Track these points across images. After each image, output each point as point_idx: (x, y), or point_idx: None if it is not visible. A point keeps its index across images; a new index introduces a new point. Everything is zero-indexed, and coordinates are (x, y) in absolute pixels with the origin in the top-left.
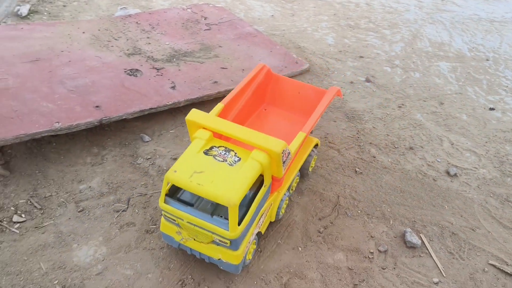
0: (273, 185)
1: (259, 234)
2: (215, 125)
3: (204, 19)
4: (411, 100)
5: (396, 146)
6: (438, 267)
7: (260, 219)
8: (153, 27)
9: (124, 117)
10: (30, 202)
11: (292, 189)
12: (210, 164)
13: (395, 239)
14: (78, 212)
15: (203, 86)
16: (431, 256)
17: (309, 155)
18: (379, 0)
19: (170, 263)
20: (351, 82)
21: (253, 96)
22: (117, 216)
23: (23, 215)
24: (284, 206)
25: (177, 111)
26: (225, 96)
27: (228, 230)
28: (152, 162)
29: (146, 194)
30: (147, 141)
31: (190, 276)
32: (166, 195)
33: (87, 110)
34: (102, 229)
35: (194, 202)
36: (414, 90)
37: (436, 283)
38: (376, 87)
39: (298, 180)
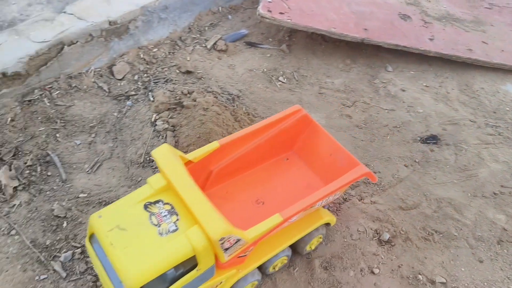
0: (220, 265)
1: None
2: (169, 173)
3: None
4: None
5: None
6: None
7: None
8: None
9: (380, 44)
10: (293, 74)
11: (274, 269)
12: (141, 223)
13: None
14: (318, 93)
15: (458, 48)
16: None
17: (311, 233)
18: None
19: None
20: None
21: (274, 140)
22: (341, 108)
23: (285, 80)
24: None
25: (423, 59)
26: (474, 64)
27: None
28: (385, 86)
29: (368, 104)
30: (389, 71)
31: None
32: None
33: (357, 29)
34: (329, 109)
35: None
36: None
37: None
38: None
39: (286, 260)
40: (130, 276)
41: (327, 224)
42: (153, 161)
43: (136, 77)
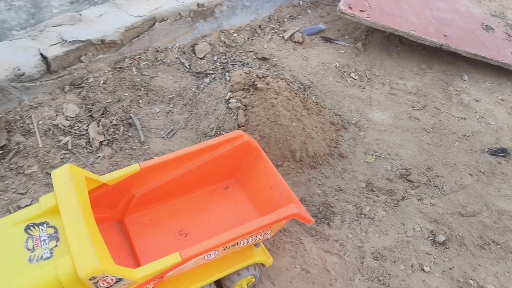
0: None
1: None
2: (58, 194)
3: None
4: None
5: None
6: None
7: None
8: None
9: (459, 52)
10: (365, 72)
11: None
12: (14, 246)
13: None
14: (389, 93)
15: None
16: None
17: (240, 273)
18: None
19: None
20: None
21: (210, 166)
22: (410, 110)
23: (356, 76)
24: None
25: (502, 72)
26: None
27: None
28: (459, 94)
29: (439, 109)
30: (464, 80)
31: None
32: None
33: (436, 34)
34: (397, 110)
35: None
36: None
37: None
38: None
39: None
40: None
41: (263, 264)
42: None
43: (215, 58)
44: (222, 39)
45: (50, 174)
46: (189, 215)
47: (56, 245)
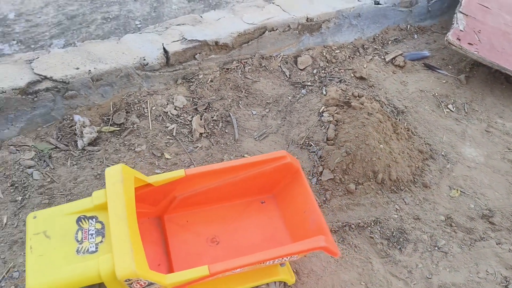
0: None
1: None
2: (109, 193)
3: None
4: None
5: None
6: None
7: None
8: None
9: None
10: (463, 106)
11: None
12: (66, 235)
13: None
14: (485, 131)
15: None
16: None
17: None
18: None
19: None
20: None
21: (250, 181)
22: (505, 151)
23: (454, 109)
24: None
25: None
26: None
27: None
28: None
29: None
30: None
31: None
32: None
33: None
34: (491, 149)
35: None
36: None
37: None
38: None
39: None
40: (31, 285)
41: (284, 284)
42: (310, 145)
43: (314, 71)
44: (324, 54)
45: (155, 155)
46: (223, 223)
47: (101, 241)
